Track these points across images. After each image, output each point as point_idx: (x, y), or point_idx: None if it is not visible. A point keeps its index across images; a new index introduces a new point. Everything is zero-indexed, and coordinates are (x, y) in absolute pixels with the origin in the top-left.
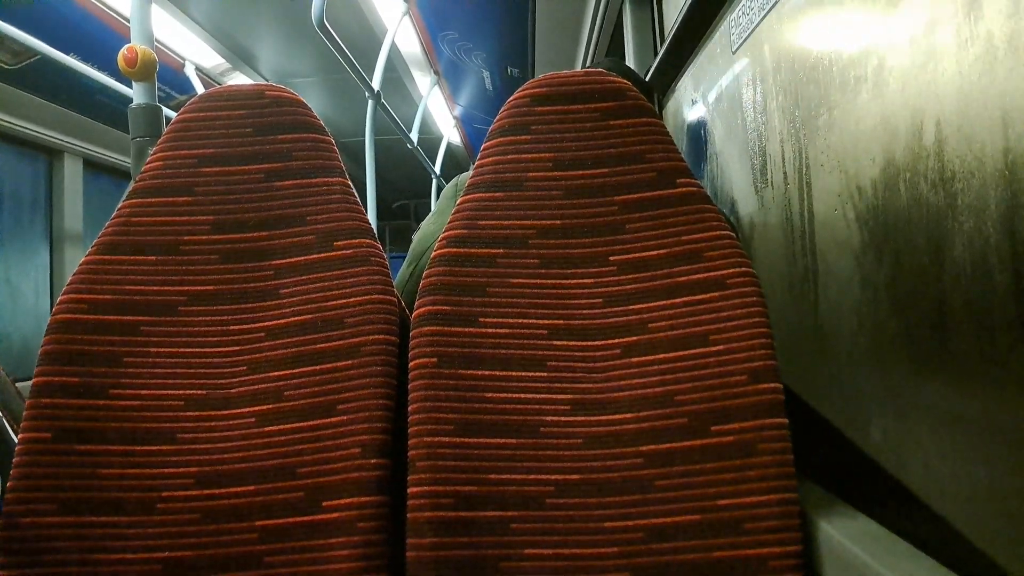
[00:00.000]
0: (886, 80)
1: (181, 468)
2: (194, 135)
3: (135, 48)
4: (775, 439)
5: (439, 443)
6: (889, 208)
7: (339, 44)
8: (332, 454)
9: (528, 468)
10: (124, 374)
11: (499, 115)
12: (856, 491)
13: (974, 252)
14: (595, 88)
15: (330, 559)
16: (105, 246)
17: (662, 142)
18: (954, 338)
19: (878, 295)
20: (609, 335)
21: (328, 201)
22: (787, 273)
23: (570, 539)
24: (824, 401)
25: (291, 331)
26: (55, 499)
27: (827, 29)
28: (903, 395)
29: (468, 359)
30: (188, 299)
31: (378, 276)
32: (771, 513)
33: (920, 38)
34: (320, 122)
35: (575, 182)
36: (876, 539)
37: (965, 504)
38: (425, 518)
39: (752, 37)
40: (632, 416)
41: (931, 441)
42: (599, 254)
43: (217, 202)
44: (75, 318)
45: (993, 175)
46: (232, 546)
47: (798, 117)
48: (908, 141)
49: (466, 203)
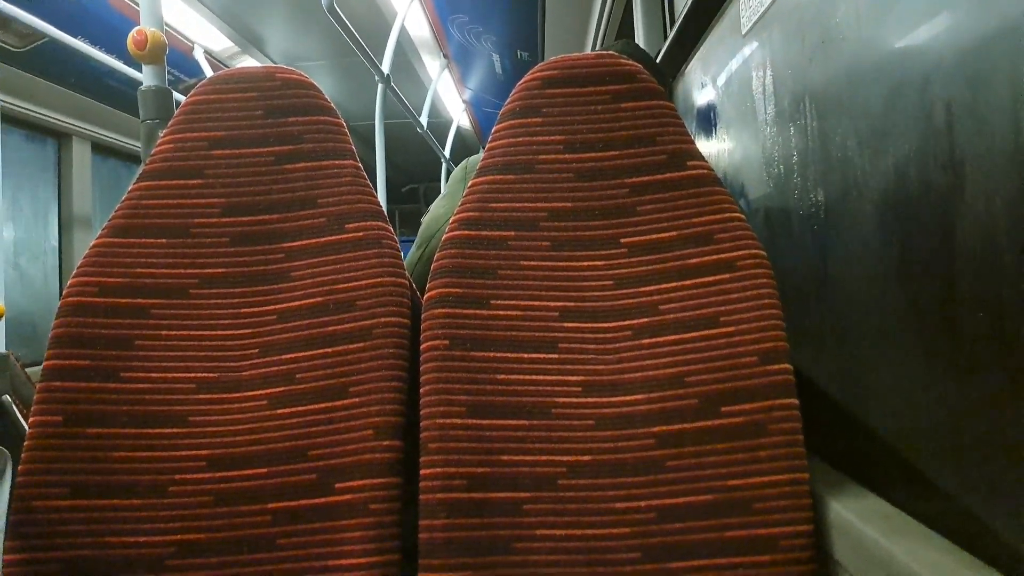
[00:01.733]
0: (901, 61)
1: (193, 451)
2: (204, 118)
3: (145, 31)
4: (785, 419)
5: (451, 425)
6: (900, 191)
7: (349, 27)
8: (344, 436)
9: (540, 449)
10: (135, 357)
11: (510, 98)
12: (867, 471)
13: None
14: (606, 71)
15: (343, 541)
16: (115, 229)
17: (673, 124)
18: (966, 320)
19: (889, 277)
20: (620, 317)
21: (339, 184)
22: (797, 255)
23: (582, 520)
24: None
25: (302, 313)
26: (67, 482)
27: (836, 12)
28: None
29: (480, 341)
30: (199, 282)
31: (389, 259)
32: (781, 493)
33: (930, 20)
34: (331, 105)
35: (586, 164)
36: (887, 518)
37: (974, 484)
38: (437, 500)
39: (763, 18)
40: (643, 397)
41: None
42: (610, 236)
43: (228, 185)
44: (86, 301)
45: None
46: (244, 528)
47: (808, 99)
48: (919, 124)
49: (477, 185)
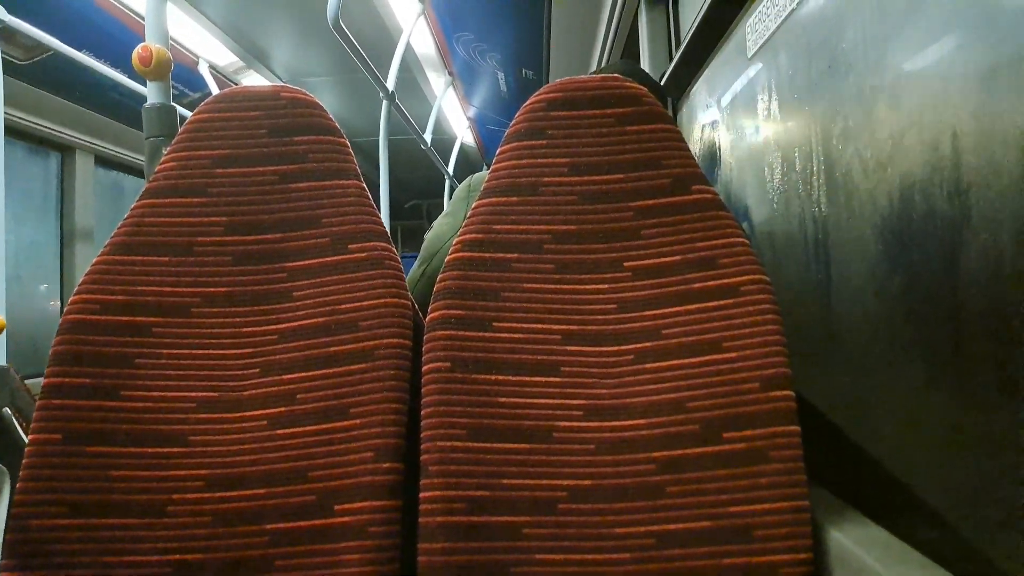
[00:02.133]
0: (903, 89)
1: (192, 471)
2: (209, 136)
3: (150, 47)
4: (787, 446)
5: (452, 448)
6: (904, 217)
7: (354, 44)
8: (344, 458)
9: (540, 473)
10: (135, 375)
11: (515, 119)
12: (868, 499)
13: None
14: (611, 94)
15: (341, 563)
16: (118, 246)
17: (677, 148)
18: (968, 346)
19: (892, 304)
20: (623, 341)
21: (343, 204)
22: (801, 281)
23: (582, 544)
24: (836, 408)
25: (304, 334)
26: (65, 501)
27: (844, 38)
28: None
29: (482, 364)
30: (201, 300)
31: (392, 279)
32: (782, 520)
33: (936, 48)
34: (335, 124)
35: (590, 187)
36: (887, 547)
37: (977, 514)
38: (437, 523)
39: (769, 43)
40: (645, 422)
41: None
42: (614, 260)
43: (231, 203)
44: (87, 319)
45: (1009, 186)
46: (243, 549)
47: (813, 124)
48: (923, 151)
49: (481, 207)
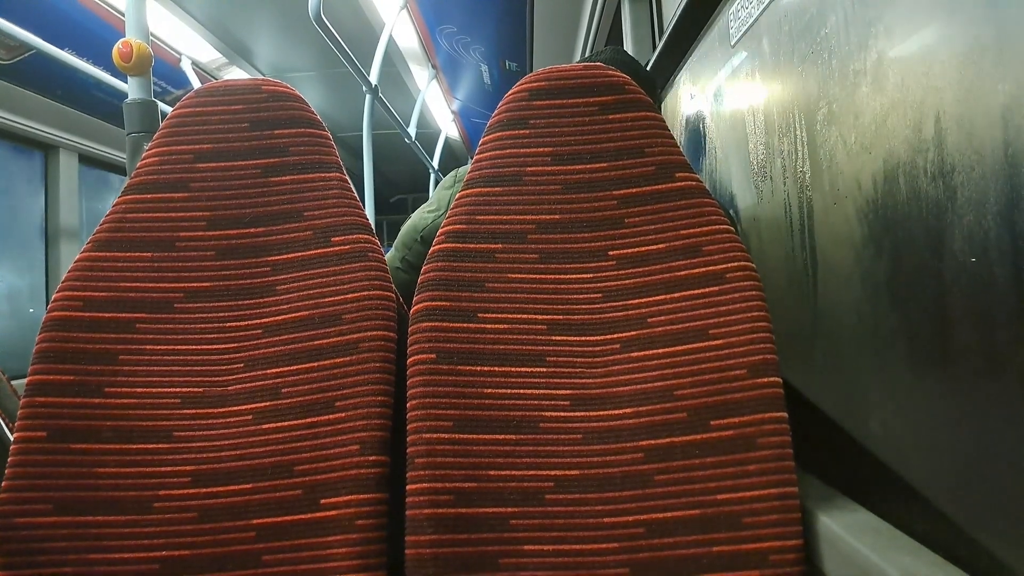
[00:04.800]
0: (885, 73)
1: (177, 466)
2: (190, 130)
3: (130, 42)
4: (775, 433)
5: (438, 440)
6: (888, 202)
7: (336, 38)
8: (330, 451)
9: (527, 464)
10: (120, 372)
11: (497, 109)
12: (856, 485)
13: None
14: (594, 82)
15: (328, 557)
16: (100, 243)
17: (661, 136)
18: (954, 333)
19: (878, 289)
20: (608, 330)
21: (325, 197)
22: (786, 267)
23: (570, 535)
24: (824, 395)
25: (288, 328)
26: (50, 499)
27: (826, 23)
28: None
29: (467, 355)
30: (184, 296)
31: (376, 272)
32: (771, 507)
33: (918, 31)
34: (317, 117)
35: (574, 176)
36: (876, 532)
37: (965, 498)
38: (424, 515)
39: (751, 30)
40: (631, 411)
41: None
42: (598, 249)
43: (213, 198)
44: (70, 315)
45: (993, 169)
46: (229, 545)
47: (796, 111)
48: (907, 135)
49: (464, 198)
